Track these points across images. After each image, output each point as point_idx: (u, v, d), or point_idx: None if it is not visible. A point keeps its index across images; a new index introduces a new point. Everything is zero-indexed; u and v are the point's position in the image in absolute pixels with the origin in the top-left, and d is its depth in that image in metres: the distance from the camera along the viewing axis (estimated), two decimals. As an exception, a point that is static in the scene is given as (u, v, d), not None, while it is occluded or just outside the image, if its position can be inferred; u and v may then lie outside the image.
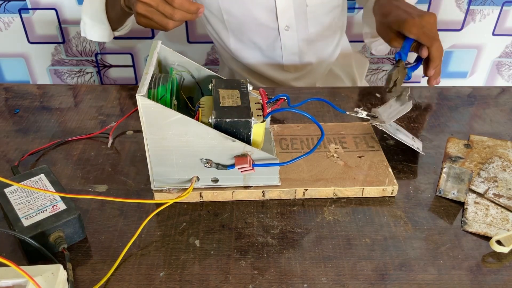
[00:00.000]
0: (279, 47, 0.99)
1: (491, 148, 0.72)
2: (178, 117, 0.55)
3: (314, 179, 0.64)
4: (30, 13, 1.50)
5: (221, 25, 0.99)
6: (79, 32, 1.55)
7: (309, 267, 0.54)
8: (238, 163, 0.58)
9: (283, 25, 0.96)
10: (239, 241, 0.57)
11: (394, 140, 0.74)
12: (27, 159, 0.69)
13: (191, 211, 0.61)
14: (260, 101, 0.62)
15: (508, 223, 0.59)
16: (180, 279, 0.53)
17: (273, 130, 0.72)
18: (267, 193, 0.62)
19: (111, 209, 0.61)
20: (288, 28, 0.96)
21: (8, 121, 0.78)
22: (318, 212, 0.61)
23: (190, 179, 0.61)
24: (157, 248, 0.56)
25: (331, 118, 0.79)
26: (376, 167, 0.66)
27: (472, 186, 0.64)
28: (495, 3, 1.46)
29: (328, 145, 0.70)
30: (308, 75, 1.07)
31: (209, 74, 0.66)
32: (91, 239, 0.57)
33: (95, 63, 1.62)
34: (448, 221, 0.60)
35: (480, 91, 0.88)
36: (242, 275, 0.53)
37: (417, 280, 0.53)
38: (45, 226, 0.53)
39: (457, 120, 0.79)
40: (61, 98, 0.84)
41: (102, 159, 0.70)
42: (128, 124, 0.77)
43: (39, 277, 0.46)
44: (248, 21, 0.96)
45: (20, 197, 0.56)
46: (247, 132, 0.57)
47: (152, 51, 0.62)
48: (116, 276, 0.53)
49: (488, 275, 0.54)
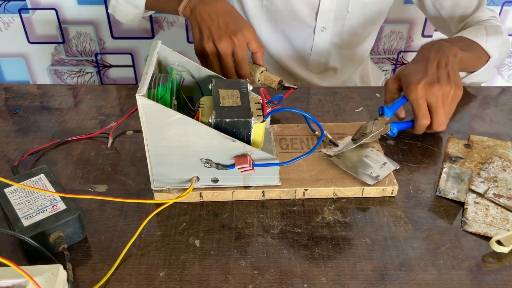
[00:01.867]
0: (309, 46, 0.99)
1: (491, 148, 0.72)
2: (178, 117, 0.55)
3: (314, 179, 0.64)
4: (30, 13, 1.50)
5: (257, 10, 0.98)
6: (79, 32, 1.55)
7: (309, 267, 0.54)
8: (238, 163, 0.58)
9: (320, 26, 0.96)
10: (239, 241, 0.57)
11: (394, 140, 0.74)
12: (27, 159, 0.69)
13: (191, 211, 0.61)
14: (260, 101, 0.62)
15: (508, 223, 0.59)
16: (180, 279, 0.53)
17: (273, 130, 0.72)
18: (267, 193, 0.62)
19: (111, 209, 0.61)
20: (324, 29, 0.96)
21: (8, 121, 0.78)
22: (318, 212, 0.61)
23: (190, 179, 0.61)
24: (157, 248, 0.56)
25: (331, 118, 0.79)
26: (376, 167, 0.66)
27: (472, 186, 0.64)
28: (495, 3, 1.46)
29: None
30: (329, 78, 1.07)
31: (209, 74, 0.66)
32: (91, 239, 0.57)
33: (95, 63, 1.62)
34: (448, 221, 0.60)
35: (480, 91, 0.88)
36: (242, 275, 0.53)
37: (417, 280, 0.53)
38: (45, 226, 0.53)
39: (457, 120, 0.79)
40: (61, 98, 0.84)
41: (102, 159, 0.70)
42: (128, 124, 0.77)
43: (39, 277, 0.46)
44: (286, 13, 0.95)
45: (20, 197, 0.56)
46: (247, 132, 0.57)
47: (152, 51, 0.62)
48: (116, 276, 0.53)
49: (488, 275, 0.54)
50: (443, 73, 0.69)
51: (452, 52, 0.73)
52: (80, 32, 1.55)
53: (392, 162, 0.66)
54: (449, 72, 0.69)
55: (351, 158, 0.66)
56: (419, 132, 0.71)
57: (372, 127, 0.68)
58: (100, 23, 1.53)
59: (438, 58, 0.71)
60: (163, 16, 1.54)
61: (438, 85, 0.67)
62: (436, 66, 0.70)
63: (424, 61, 0.71)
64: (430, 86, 0.67)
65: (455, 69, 0.71)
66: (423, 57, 0.72)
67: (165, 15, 1.54)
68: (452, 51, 0.73)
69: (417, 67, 0.70)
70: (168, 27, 1.56)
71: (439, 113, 0.68)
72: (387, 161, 0.66)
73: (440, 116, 0.68)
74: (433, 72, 0.69)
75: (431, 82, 0.67)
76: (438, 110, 0.68)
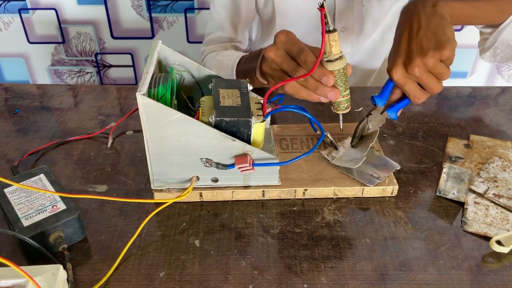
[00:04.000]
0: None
1: (491, 148, 0.72)
2: (178, 117, 0.55)
3: (314, 179, 0.64)
4: (30, 13, 1.50)
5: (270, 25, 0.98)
6: (79, 32, 1.55)
7: (309, 267, 0.54)
8: (238, 162, 0.58)
9: (340, 26, 0.94)
10: (239, 241, 0.57)
11: (394, 140, 0.74)
12: (27, 159, 0.69)
13: (191, 211, 0.61)
14: (260, 101, 0.61)
15: (508, 223, 0.59)
16: (180, 279, 0.53)
17: (273, 130, 0.72)
18: (267, 193, 0.62)
19: (111, 209, 0.61)
20: (344, 29, 0.96)
21: (8, 121, 0.78)
22: (318, 212, 0.61)
23: (190, 179, 0.61)
24: (157, 248, 0.56)
25: (331, 118, 0.79)
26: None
27: (472, 186, 0.64)
28: None
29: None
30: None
31: (209, 74, 0.66)
32: (91, 239, 0.57)
33: (95, 63, 1.62)
34: (448, 221, 0.60)
35: (480, 91, 0.88)
36: (242, 275, 0.53)
37: (417, 280, 0.53)
38: (45, 226, 0.53)
39: (457, 120, 0.79)
40: (61, 98, 0.84)
41: (102, 159, 0.70)
42: (128, 124, 0.77)
43: (39, 277, 0.46)
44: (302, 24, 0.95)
45: (20, 197, 0.56)
46: (247, 132, 0.57)
47: (152, 50, 0.62)
48: (116, 276, 0.53)
49: (488, 275, 0.54)
50: (415, 43, 0.59)
51: (430, 3, 0.63)
52: (80, 32, 1.55)
53: (392, 163, 0.66)
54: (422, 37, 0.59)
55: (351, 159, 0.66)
56: (419, 103, 0.63)
57: (367, 124, 0.66)
58: (100, 23, 1.53)
59: (409, 25, 0.61)
60: (163, 16, 1.54)
61: (414, 63, 0.58)
62: (408, 37, 0.61)
63: (396, 36, 0.63)
64: (407, 66, 0.59)
65: (433, 26, 0.60)
66: (397, 31, 0.64)
67: (165, 15, 1.54)
68: (430, 2, 0.63)
69: (392, 47, 0.63)
70: (168, 27, 1.57)
71: (430, 86, 0.60)
72: (387, 162, 0.66)
73: (433, 87, 0.60)
74: (405, 48, 0.60)
75: (406, 61, 0.59)
76: (428, 84, 0.59)
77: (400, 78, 0.59)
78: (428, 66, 0.58)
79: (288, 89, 0.61)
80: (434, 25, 0.60)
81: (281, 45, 0.62)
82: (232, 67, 0.83)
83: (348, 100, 0.62)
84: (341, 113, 0.64)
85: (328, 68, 0.58)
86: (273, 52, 0.61)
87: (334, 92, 0.59)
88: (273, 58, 0.62)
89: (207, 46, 0.99)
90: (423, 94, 0.61)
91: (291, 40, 0.61)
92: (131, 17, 1.53)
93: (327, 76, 0.57)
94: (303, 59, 0.58)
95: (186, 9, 1.53)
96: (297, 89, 0.60)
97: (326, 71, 0.58)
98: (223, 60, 0.87)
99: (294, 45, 0.60)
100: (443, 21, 0.61)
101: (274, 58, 0.62)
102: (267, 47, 0.63)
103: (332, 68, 0.58)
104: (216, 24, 0.97)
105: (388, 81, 0.63)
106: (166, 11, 1.53)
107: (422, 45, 0.58)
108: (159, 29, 1.56)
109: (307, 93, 0.60)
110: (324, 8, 0.55)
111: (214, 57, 0.91)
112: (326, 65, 0.58)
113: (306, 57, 0.58)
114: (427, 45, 0.58)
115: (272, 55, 0.61)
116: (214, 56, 0.92)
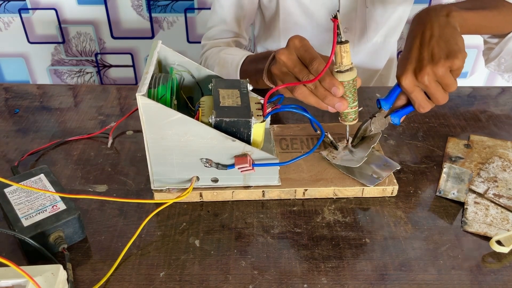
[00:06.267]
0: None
1: (491, 148, 0.72)
2: (178, 117, 0.55)
3: (314, 179, 0.64)
4: (30, 13, 1.50)
5: (276, 25, 0.98)
6: (79, 32, 1.55)
7: (309, 267, 0.54)
8: (238, 162, 0.58)
9: (343, 27, 0.94)
10: (239, 241, 0.57)
11: (394, 140, 0.74)
12: (27, 159, 0.69)
13: (191, 211, 0.61)
14: (260, 101, 0.61)
15: (508, 223, 0.59)
16: (180, 279, 0.53)
17: (273, 130, 0.72)
18: (267, 193, 0.62)
19: (111, 209, 0.61)
20: (347, 30, 0.96)
21: (8, 121, 0.78)
22: (318, 212, 0.61)
23: (190, 179, 0.61)
24: (157, 248, 0.56)
25: (331, 118, 0.79)
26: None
27: (472, 186, 0.64)
28: None
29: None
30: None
31: (209, 74, 0.66)
32: (91, 239, 0.57)
33: (95, 63, 1.62)
34: (448, 221, 0.60)
35: (480, 91, 0.88)
36: (242, 275, 0.53)
37: (417, 280, 0.53)
38: (45, 226, 0.53)
39: (457, 120, 0.79)
40: (61, 98, 0.84)
41: (102, 159, 0.70)
42: (128, 124, 0.77)
43: (39, 277, 0.46)
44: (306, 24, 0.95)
45: (20, 197, 0.56)
46: (247, 132, 0.57)
47: (152, 51, 0.62)
48: (116, 276, 0.53)
49: (488, 275, 0.54)
50: (427, 51, 0.60)
51: (443, 12, 0.64)
52: (80, 32, 1.55)
53: (392, 163, 0.66)
54: (434, 46, 0.60)
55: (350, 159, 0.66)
56: (423, 112, 0.63)
57: (370, 126, 0.66)
58: (100, 23, 1.53)
59: (421, 33, 0.62)
60: (163, 16, 1.54)
61: (425, 71, 0.58)
62: (419, 44, 0.61)
63: (408, 43, 0.63)
64: (417, 73, 0.59)
65: (446, 35, 0.61)
66: (408, 37, 0.64)
67: (165, 15, 1.54)
68: (443, 12, 0.64)
69: (403, 54, 0.63)
70: (168, 27, 1.57)
71: (436, 96, 0.60)
72: (387, 162, 0.66)
73: (439, 97, 0.60)
74: (416, 55, 0.60)
75: (417, 69, 0.59)
76: (435, 94, 0.60)
77: (409, 85, 0.60)
78: (438, 75, 0.58)
79: (298, 94, 0.61)
80: (447, 34, 0.61)
81: (294, 50, 0.62)
82: (237, 67, 0.82)
83: (356, 112, 0.62)
84: (348, 124, 0.64)
85: (338, 78, 0.58)
86: (285, 56, 0.62)
87: (342, 103, 0.59)
88: (285, 61, 0.62)
89: (208, 40, 0.98)
90: (428, 104, 0.61)
91: (304, 47, 0.61)
92: (131, 17, 1.53)
93: (336, 87, 0.58)
94: (315, 67, 0.59)
95: (186, 9, 1.53)
96: (307, 95, 0.60)
97: (336, 81, 0.58)
98: (227, 58, 0.86)
99: (307, 52, 0.61)
100: (455, 31, 0.62)
101: (286, 62, 0.62)
102: (280, 49, 0.63)
103: (342, 79, 0.58)
104: (219, 18, 0.96)
105: (396, 86, 0.63)
106: (166, 11, 1.53)
107: (434, 53, 0.59)
108: (159, 29, 1.56)
109: (316, 100, 0.61)
110: (337, 19, 0.55)
111: (217, 54, 0.91)
112: (336, 76, 0.58)
113: (318, 65, 0.59)
114: (439, 54, 0.59)
115: (285, 58, 0.62)
116: (217, 53, 0.91)
